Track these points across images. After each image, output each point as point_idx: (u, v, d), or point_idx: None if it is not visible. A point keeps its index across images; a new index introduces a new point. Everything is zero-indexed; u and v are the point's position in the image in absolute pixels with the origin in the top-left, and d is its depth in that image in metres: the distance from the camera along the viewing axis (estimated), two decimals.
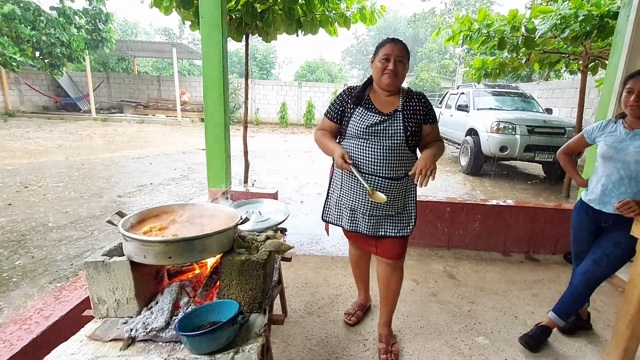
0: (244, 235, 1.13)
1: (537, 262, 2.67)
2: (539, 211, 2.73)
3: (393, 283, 1.60)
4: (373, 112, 1.41)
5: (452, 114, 7.06)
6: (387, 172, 1.40)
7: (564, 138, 5.24)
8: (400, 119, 1.39)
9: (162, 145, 7.61)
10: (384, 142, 1.37)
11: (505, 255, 2.77)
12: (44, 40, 8.36)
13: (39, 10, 8.35)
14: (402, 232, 1.48)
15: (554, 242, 2.80)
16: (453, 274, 2.41)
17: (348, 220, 1.53)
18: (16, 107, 11.84)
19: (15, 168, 5.06)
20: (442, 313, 1.96)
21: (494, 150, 5.36)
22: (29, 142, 7.25)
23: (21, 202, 3.66)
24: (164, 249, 0.95)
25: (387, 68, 1.37)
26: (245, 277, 1.02)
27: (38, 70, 10.62)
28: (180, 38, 23.16)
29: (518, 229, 2.76)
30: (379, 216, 1.46)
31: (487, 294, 2.18)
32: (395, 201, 1.45)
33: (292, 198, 4.16)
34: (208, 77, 2.40)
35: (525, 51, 3.84)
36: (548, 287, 2.31)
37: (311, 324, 1.79)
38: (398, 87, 1.42)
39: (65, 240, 2.79)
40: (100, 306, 1.03)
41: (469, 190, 5.04)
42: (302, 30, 2.98)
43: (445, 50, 23.67)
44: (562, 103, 8.66)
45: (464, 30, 3.81)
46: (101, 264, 1.00)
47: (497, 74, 4.46)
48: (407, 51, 1.41)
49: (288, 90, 14.00)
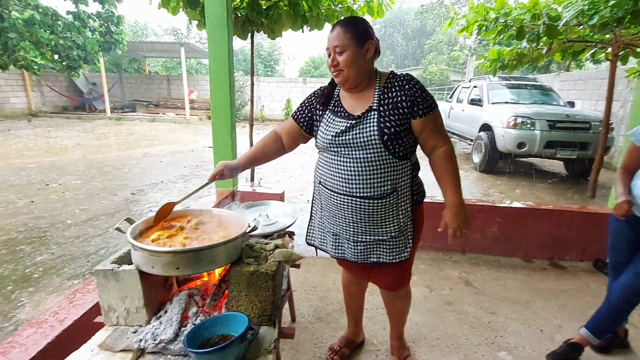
0: (252, 244, 1.07)
1: (563, 270, 2.35)
2: (565, 214, 2.42)
3: (398, 308, 1.37)
4: (340, 116, 1.08)
5: (464, 109, 6.47)
6: (366, 190, 1.05)
7: (588, 133, 4.67)
8: (374, 119, 1.02)
9: (172, 144, 7.56)
10: (357, 153, 1.03)
11: (527, 261, 2.44)
12: (61, 43, 8.32)
13: (57, 15, 8.29)
14: (399, 256, 1.14)
15: (581, 247, 2.46)
16: (470, 281, 2.17)
17: (332, 245, 1.23)
18: (39, 108, 11.87)
19: (38, 166, 5.07)
20: (460, 324, 1.74)
21: (510, 146, 4.81)
22: (50, 141, 7.26)
23: (42, 199, 3.65)
24: (171, 259, 0.89)
25: (329, 64, 1.05)
26: (254, 288, 0.96)
27: (57, 73, 10.57)
28: (188, 37, 22.86)
29: (541, 233, 2.45)
30: (368, 242, 1.13)
31: (508, 304, 1.93)
32: (384, 223, 1.09)
33: (297, 197, 4.09)
34: (215, 77, 2.33)
35: (547, 40, 3.38)
36: (577, 298, 2.01)
37: (320, 331, 1.66)
38: (353, 81, 1.05)
39: (82, 237, 2.77)
40: (110, 314, 0.98)
41: (483, 190, 4.58)
42: (307, 26, 2.84)
43: (454, 42, 22.10)
44: (586, 95, 7.49)
45: (479, 20, 3.44)
46: (110, 272, 0.95)
47: (514, 66, 3.96)
48: (350, 31, 1.00)
49: (293, 86, 13.79)
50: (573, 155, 4.75)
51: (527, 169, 5.92)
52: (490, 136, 5.21)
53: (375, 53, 1.07)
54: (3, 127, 8.82)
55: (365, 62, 1.04)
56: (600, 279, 2.22)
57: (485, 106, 5.71)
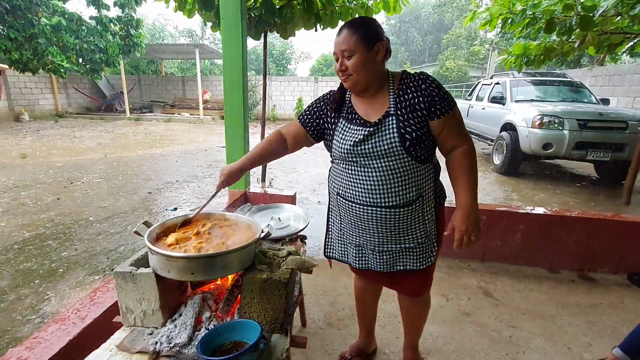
0: (265, 251, 1.06)
1: (593, 283, 2.18)
2: (597, 222, 2.24)
3: (416, 315, 1.31)
4: (356, 123, 1.01)
5: (484, 107, 6.13)
6: (391, 199, 0.99)
7: (625, 133, 4.25)
8: (394, 125, 0.95)
9: (187, 143, 7.72)
10: (378, 162, 0.97)
11: (553, 272, 2.28)
12: (85, 47, 8.64)
13: (81, 20, 8.60)
14: (425, 262, 1.09)
15: (615, 259, 2.26)
16: (489, 291, 2.05)
17: (355, 257, 1.16)
18: (65, 109, 12.40)
19: (63, 165, 5.29)
20: (478, 337, 1.64)
21: (535, 147, 4.46)
22: (74, 141, 7.56)
23: (67, 196, 3.81)
24: (186, 265, 0.90)
25: (337, 69, 1.00)
26: (267, 296, 0.96)
27: (81, 75, 11.00)
28: (202, 39, 23.23)
29: (569, 243, 2.27)
30: (394, 250, 1.09)
31: (531, 318, 1.80)
32: (411, 231, 1.05)
33: (309, 198, 4.08)
34: (228, 78, 2.33)
35: (580, 33, 3.08)
36: (609, 314, 1.85)
37: (331, 337, 1.61)
38: (364, 85, 0.99)
39: (103, 234, 2.87)
40: (128, 315, 1.00)
41: (504, 193, 4.32)
42: (321, 24, 2.77)
43: (474, 36, 20.90)
44: (622, 92, 6.81)
45: (504, 13, 3.18)
46: (129, 275, 0.97)
47: (542, 61, 3.62)
48: (357, 34, 0.94)
49: (304, 85, 13.76)
50: (606, 158, 4.33)
51: (552, 171, 5.58)
52: (513, 136, 4.90)
53: (386, 54, 1.01)
54: (33, 127, 9.28)
55: (375, 64, 0.98)
56: (636, 294, 2.05)
57: (508, 104, 5.39)
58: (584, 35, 3.16)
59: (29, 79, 10.88)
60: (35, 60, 7.66)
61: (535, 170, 5.44)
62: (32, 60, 7.64)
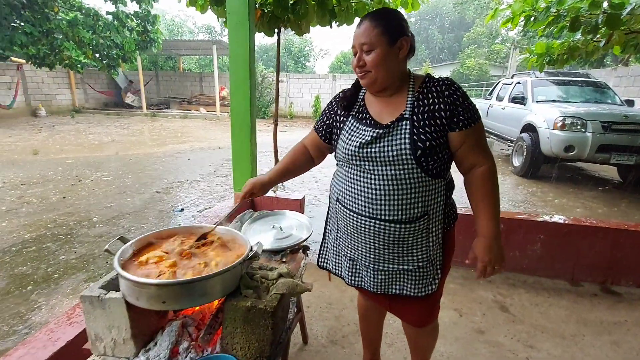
0: (252, 273, 0.95)
1: (617, 297, 2.10)
2: (620, 232, 2.16)
3: (421, 344, 1.25)
4: (365, 124, 0.95)
5: (504, 107, 6.21)
6: (393, 212, 0.92)
7: None
8: (407, 131, 0.89)
9: (201, 141, 7.84)
10: (383, 168, 0.91)
11: (574, 284, 2.22)
12: (101, 43, 9.02)
13: (98, 15, 8.98)
14: (425, 289, 1.01)
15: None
16: (506, 306, 1.99)
17: (348, 271, 1.10)
18: (82, 104, 13.04)
19: (74, 162, 5.49)
20: (492, 358, 1.58)
21: (556, 150, 4.49)
22: (89, 137, 7.88)
23: (74, 195, 3.91)
24: (157, 292, 0.79)
25: (354, 65, 0.94)
26: (251, 326, 0.84)
27: (98, 71, 11.52)
28: (222, 35, 23.81)
29: (592, 253, 2.22)
30: (390, 271, 1.01)
31: (550, 337, 1.73)
32: (411, 251, 0.97)
33: (319, 198, 3.99)
34: (235, 77, 2.33)
35: (606, 32, 3.09)
36: (634, 333, 1.76)
37: (334, 356, 1.56)
38: (382, 83, 0.92)
39: (105, 236, 2.89)
40: (97, 343, 0.92)
41: (523, 197, 4.26)
42: (336, 21, 2.75)
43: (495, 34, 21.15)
44: None
45: (526, 11, 3.17)
46: (96, 299, 0.89)
47: (565, 61, 3.63)
48: (380, 26, 0.87)
49: (322, 83, 13.74)
50: (631, 161, 4.33)
51: (573, 174, 5.51)
52: (533, 138, 4.92)
53: (410, 51, 0.94)
54: (49, 122, 9.78)
55: (397, 62, 0.92)
56: None
57: (529, 105, 5.41)
58: (610, 34, 3.19)
59: (47, 74, 11.40)
60: (52, 55, 8.07)
61: (556, 173, 5.35)
62: (49, 55, 8.04)
